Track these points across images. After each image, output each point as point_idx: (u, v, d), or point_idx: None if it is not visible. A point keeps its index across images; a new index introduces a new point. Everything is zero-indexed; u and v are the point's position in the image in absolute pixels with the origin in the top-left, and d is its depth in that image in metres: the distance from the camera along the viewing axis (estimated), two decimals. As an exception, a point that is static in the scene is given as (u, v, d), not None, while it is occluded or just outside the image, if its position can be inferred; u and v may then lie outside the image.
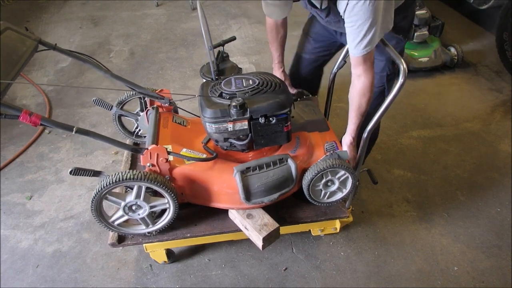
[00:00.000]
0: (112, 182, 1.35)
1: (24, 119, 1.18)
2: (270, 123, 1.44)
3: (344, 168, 1.52)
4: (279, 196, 1.55)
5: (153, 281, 1.80)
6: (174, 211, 1.51)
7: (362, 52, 1.35)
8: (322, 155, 1.59)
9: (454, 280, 1.78)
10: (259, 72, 1.62)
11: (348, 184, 1.61)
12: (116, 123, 1.92)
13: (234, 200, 1.55)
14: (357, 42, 1.33)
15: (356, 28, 1.31)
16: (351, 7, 1.28)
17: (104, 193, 1.40)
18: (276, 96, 1.44)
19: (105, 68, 1.59)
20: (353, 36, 1.33)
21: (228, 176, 1.50)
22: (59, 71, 3.37)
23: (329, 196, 1.65)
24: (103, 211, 1.49)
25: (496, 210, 2.10)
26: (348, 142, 1.58)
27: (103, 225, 1.51)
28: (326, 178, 1.56)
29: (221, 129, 1.43)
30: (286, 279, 1.80)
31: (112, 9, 4.49)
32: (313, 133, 1.71)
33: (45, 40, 1.43)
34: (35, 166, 2.44)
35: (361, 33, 1.31)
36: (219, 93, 1.47)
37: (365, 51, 1.34)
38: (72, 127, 1.26)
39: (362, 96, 1.44)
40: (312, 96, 1.93)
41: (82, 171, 1.36)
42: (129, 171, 1.37)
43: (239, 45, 3.66)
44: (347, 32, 1.36)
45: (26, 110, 1.18)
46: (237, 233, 1.64)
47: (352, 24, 1.32)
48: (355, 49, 1.35)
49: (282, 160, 1.53)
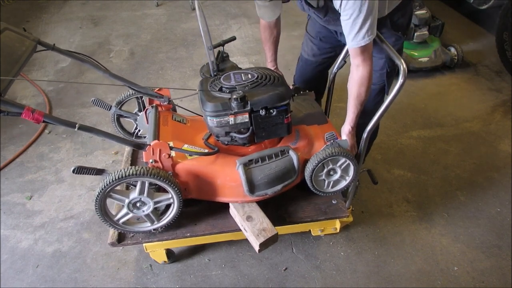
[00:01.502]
0: (115, 179, 1.35)
1: (27, 116, 1.17)
2: (270, 115, 1.45)
3: (344, 156, 1.51)
4: (282, 187, 1.55)
5: (153, 281, 1.80)
6: (178, 206, 1.51)
7: (360, 43, 1.36)
8: (323, 145, 1.59)
9: (454, 280, 1.78)
10: (257, 67, 1.63)
11: (350, 171, 1.61)
12: (115, 124, 1.91)
13: (238, 193, 1.55)
14: (354, 34, 1.35)
15: (352, 20, 1.32)
16: (346, 1, 1.30)
17: (107, 190, 1.39)
18: (276, 88, 1.46)
19: (104, 68, 1.59)
20: (349, 29, 1.35)
21: (231, 169, 1.51)
22: (59, 71, 3.37)
23: (333, 185, 1.64)
24: (107, 210, 1.48)
25: (496, 210, 2.10)
26: (347, 131, 1.58)
27: (108, 224, 1.50)
28: (327, 167, 1.56)
29: (223, 123, 1.44)
30: (286, 279, 1.80)
31: (112, 9, 4.49)
32: (312, 126, 1.72)
33: (43, 41, 1.42)
34: (35, 166, 2.44)
35: (357, 25, 1.32)
36: (219, 88, 1.47)
37: (363, 42, 1.36)
38: (75, 124, 1.25)
39: (361, 86, 1.45)
40: (308, 92, 1.93)
41: (84, 170, 1.35)
42: (132, 167, 1.36)
43: (239, 45, 3.66)
44: (343, 25, 1.37)
45: (28, 107, 1.18)
46: (237, 233, 1.64)
47: (348, 17, 1.33)
48: (353, 41, 1.36)
49: (283, 151, 1.54)
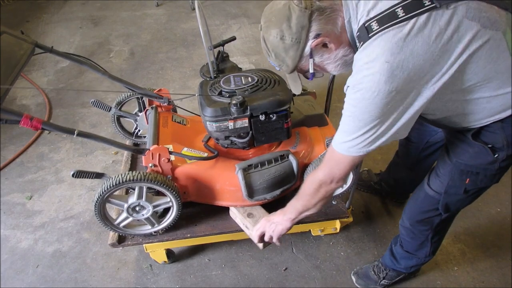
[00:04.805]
0: (112, 185, 1.35)
1: (25, 123, 1.17)
2: (270, 120, 1.44)
3: None
4: (281, 192, 1.56)
5: (153, 281, 1.80)
6: (177, 209, 1.51)
7: (344, 151, 1.06)
8: (323, 150, 1.59)
9: (454, 280, 1.78)
10: (258, 69, 1.62)
11: (348, 179, 1.61)
12: (115, 124, 1.91)
13: (237, 197, 1.55)
14: (344, 137, 1.04)
15: (347, 120, 1.02)
16: (346, 89, 1.01)
17: (105, 196, 1.40)
18: (276, 93, 1.45)
19: (103, 69, 1.58)
20: (344, 128, 1.04)
21: (230, 173, 1.51)
22: (59, 71, 3.37)
23: None
24: (107, 214, 1.49)
25: (496, 210, 2.10)
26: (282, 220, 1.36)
27: (109, 228, 1.51)
28: None
29: (222, 128, 1.43)
30: (286, 279, 1.80)
31: (112, 9, 4.48)
32: (312, 128, 1.71)
33: (41, 43, 1.42)
34: (35, 166, 2.44)
35: (351, 128, 1.01)
36: (218, 92, 1.47)
37: (349, 151, 1.05)
38: (74, 130, 1.25)
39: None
40: (310, 91, 1.92)
41: (84, 174, 1.36)
42: (129, 172, 1.37)
43: (239, 45, 3.66)
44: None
45: (27, 114, 1.17)
46: (237, 233, 1.64)
47: (344, 111, 1.03)
48: (341, 145, 1.06)
49: (283, 156, 1.54)
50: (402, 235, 1.55)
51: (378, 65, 0.89)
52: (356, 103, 0.96)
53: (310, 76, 1.12)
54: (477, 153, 1.13)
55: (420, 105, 0.95)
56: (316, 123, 1.73)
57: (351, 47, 1.04)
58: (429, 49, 0.88)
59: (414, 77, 0.90)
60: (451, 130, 1.19)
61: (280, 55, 1.06)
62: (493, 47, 0.92)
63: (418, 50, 0.88)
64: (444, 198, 1.27)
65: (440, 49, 0.89)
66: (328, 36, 1.01)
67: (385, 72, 0.88)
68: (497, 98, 1.01)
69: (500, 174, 1.19)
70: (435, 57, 0.89)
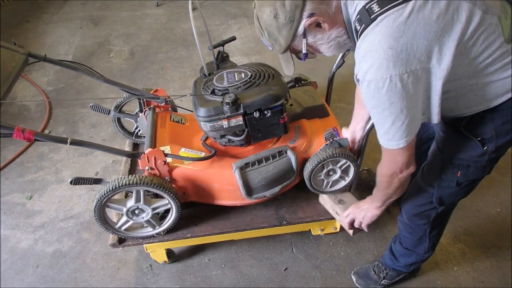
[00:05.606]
0: (109, 190, 1.36)
1: (18, 136, 1.16)
2: (265, 117, 1.41)
3: (345, 157, 1.48)
4: (280, 189, 1.54)
5: (153, 281, 1.80)
6: (177, 210, 1.51)
7: (386, 144, 1.06)
8: (323, 143, 1.54)
9: (454, 280, 1.78)
10: (252, 64, 1.58)
11: (350, 172, 1.59)
12: (115, 125, 1.92)
13: (236, 196, 1.54)
14: (379, 130, 1.05)
15: (373, 113, 1.02)
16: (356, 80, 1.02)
17: (104, 201, 1.40)
18: (269, 88, 1.42)
19: (98, 74, 1.58)
20: (374, 121, 1.05)
21: (227, 173, 1.49)
22: (59, 71, 3.36)
23: (332, 185, 1.62)
24: (107, 219, 1.50)
25: (496, 210, 2.09)
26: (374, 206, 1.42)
27: (110, 232, 1.51)
28: (327, 167, 1.53)
29: (216, 127, 1.42)
30: (286, 279, 1.80)
31: (112, 9, 4.48)
32: (313, 120, 1.68)
33: (34, 53, 1.42)
34: (35, 166, 2.44)
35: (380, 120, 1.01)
36: (211, 90, 1.45)
37: (389, 144, 1.05)
38: (66, 140, 1.26)
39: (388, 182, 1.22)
40: (310, 81, 1.87)
41: (82, 180, 1.36)
42: (125, 177, 1.38)
43: (239, 45, 3.66)
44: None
45: (18, 127, 1.17)
46: (237, 233, 1.64)
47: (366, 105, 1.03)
48: (381, 138, 1.06)
49: (281, 152, 1.50)
50: (401, 231, 1.56)
51: (382, 52, 0.89)
52: (373, 95, 0.95)
53: (303, 57, 1.12)
54: (466, 146, 1.15)
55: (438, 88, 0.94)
56: (316, 115, 1.69)
57: (345, 28, 1.05)
58: (432, 29, 0.89)
59: (422, 57, 0.90)
60: (443, 122, 1.20)
61: (273, 34, 1.06)
62: (489, 31, 0.94)
63: (420, 31, 0.89)
64: (437, 191, 1.29)
65: (442, 29, 0.90)
66: (322, 16, 1.01)
67: (391, 57, 0.88)
68: (490, 84, 1.01)
69: (491, 165, 1.20)
70: (438, 37, 0.90)
